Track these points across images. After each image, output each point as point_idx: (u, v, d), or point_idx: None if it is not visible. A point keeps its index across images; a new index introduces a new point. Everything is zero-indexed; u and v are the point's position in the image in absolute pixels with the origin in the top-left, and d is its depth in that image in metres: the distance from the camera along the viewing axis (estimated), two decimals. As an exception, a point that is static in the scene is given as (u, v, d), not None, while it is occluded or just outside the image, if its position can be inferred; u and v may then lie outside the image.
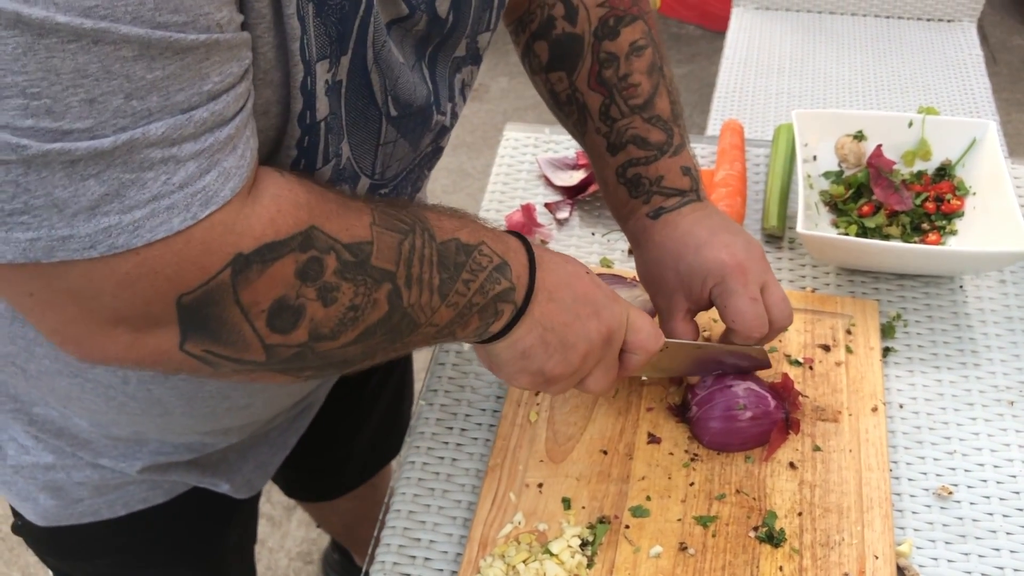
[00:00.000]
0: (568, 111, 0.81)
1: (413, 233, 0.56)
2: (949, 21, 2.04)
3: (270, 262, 0.49)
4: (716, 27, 2.97)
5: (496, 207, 1.05)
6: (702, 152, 1.11)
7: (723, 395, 0.77)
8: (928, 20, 2.04)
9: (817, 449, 0.78)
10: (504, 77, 2.94)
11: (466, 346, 0.90)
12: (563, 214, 1.03)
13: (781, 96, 1.85)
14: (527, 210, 1.01)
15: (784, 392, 0.79)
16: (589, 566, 0.71)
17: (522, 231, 1.01)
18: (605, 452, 0.78)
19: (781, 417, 0.78)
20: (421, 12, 0.59)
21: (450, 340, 0.62)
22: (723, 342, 0.77)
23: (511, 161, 1.11)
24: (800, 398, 0.81)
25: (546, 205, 1.04)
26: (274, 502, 1.78)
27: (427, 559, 0.75)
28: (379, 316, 0.55)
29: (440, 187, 2.55)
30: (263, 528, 1.76)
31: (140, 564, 0.92)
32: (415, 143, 0.66)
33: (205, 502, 0.88)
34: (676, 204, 0.78)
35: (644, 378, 0.83)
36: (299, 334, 0.52)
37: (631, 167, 0.78)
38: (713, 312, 0.87)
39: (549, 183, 1.07)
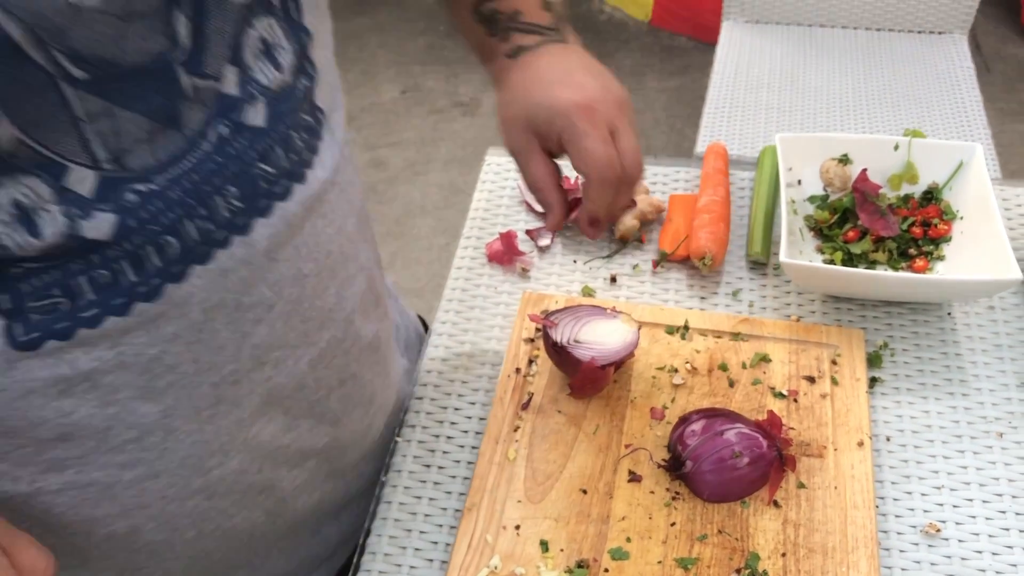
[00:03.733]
0: None
1: None
2: (940, 33, 2.03)
3: None
4: (708, 39, 2.96)
5: (477, 233, 1.04)
6: (687, 176, 1.09)
7: (715, 443, 0.75)
8: (919, 32, 2.03)
9: (801, 486, 0.76)
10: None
11: (443, 373, 0.89)
12: (544, 241, 1.01)
13: (771, 110, 1.83)
14: (507, 237, 1.00)
15: (772, 429, 0.77)
16: (567, 612, 0.69)
17: (502, 260, 0.99)
18: (585, 491, 0.77)
19: (775, 456, 0.76)
20: None
21: None
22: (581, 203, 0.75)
23: (492, 187, 1.09)
24: (788, 431, 0.79)
25: (527, 232, 1.02)
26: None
27: (402, 604, 0.73)
28: None
29: (431, 203, 2.54)
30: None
31: None
32: (159, 116, 0.50)
33: None
34: (536, 43, 0.74)
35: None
36: None
37: (486, 2, 0.74)
38: (684, 346, 0.86)
39: (531, 209, 1.05)
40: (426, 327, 1.03)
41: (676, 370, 0.85)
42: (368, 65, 3.06)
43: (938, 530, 0.75)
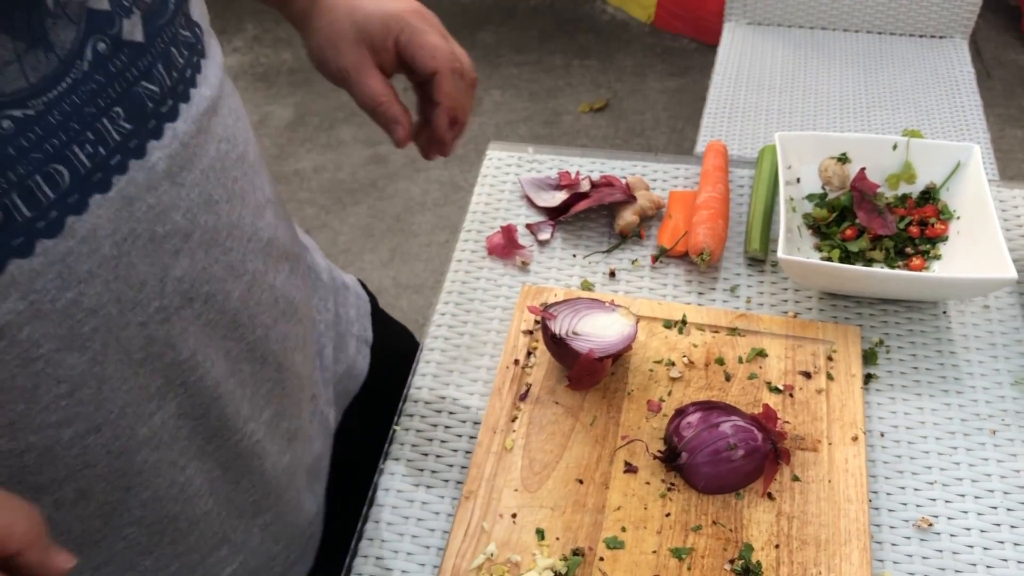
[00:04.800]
0: None
1: None
2: (941, 37, 2.04)
3: None
4: (710, 40, 2.97)
5: (478, 227, 1.04)
6: (687, 173, 1.10)
7: (711, 435, 0.75)
8: (920, 36, 2.04)
9: (796, 479, 0.77)
10: (497, 90, 2.94)
11: (442, 364, 0.89)
12: (544, 235, 1.02)
13: (771, 112, 1.84)
14: (507, 231, 1.00)
15: (767, 422, 0.78)
16: (562, 599, 0.70)
17: (502, 253, 1.00)
18: (581, 481, 0.77)
19: (769, 449, 0.76)
20: None
21: None
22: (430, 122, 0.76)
23: (493, 181, 1.10)
24: (783, 424, 0.80)
25: (527, 226, 1.03)
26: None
27: (398, 590, 0.74)
28: None
29: (431, 199, 2.55)
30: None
31: None
32: (22, 33, 0.47)
33: None
34: None
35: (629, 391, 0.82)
36: None
37: None
38: (681, 340, 0.86)
39: (531, 203, 1.06)
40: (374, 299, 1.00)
41: (673, 363, 0.86)
42: (370, 62, 3.07)
43: (930, 524, 0.76)
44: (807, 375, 0.85)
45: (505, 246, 1.00)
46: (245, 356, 0.65)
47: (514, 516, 0.75)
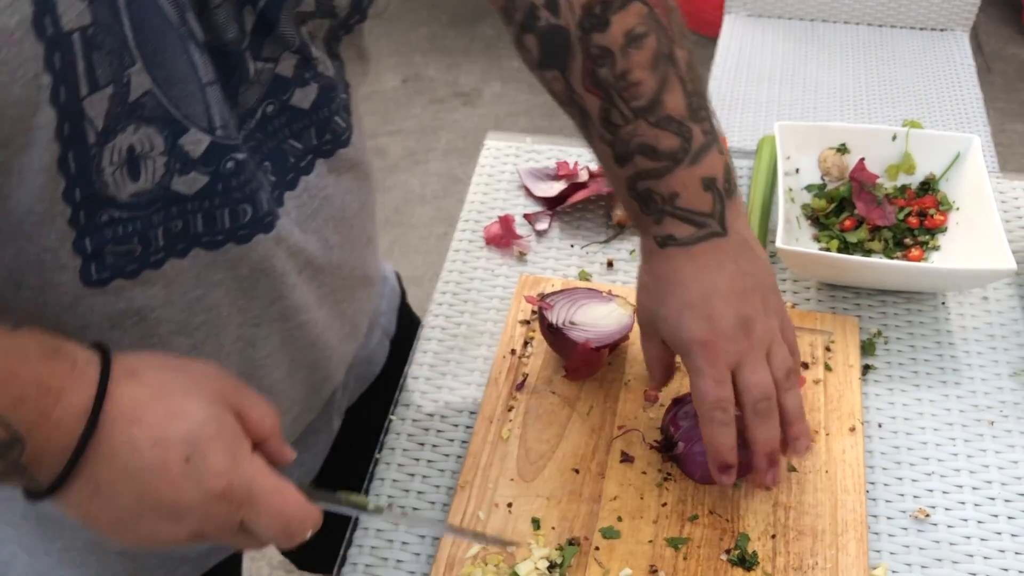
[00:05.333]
0: (571, 113, 0.72)
1: None
2: (942, 30, 2.03)
3: None
4: (710, 33, 2.96)
5: (475, 217, 1.04)
6: (685, 163, 1.09)
7: None
8: (920, 29, 2.03)
9: (793, 470, 0.77)
10: (496, 82, 2.93)
11: (438, 353, 0.89)
12: (542, 225, 1.01)
13: (771, 104, 1.83)
14: (505, 221, 1.00)
15: None
16: (557, 588, 0.70)
17: (500, 243, 0.99)
18: (577, 471, 0.77)
19: None
20: None
21: None
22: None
23: (491, 171, 1.09)
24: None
25: (525, 216, 1.03)
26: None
27: (393, 579, 0.74)
28: None
29: (431, 192, 2.54)
30: (245, 536, 1.74)
31: None
32: (231, 94, 0.55)
33: None
34: (689, 237, 0.68)
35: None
36: None
37: (641, 180, 0.68)
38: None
39: (529, 194, 1.06)
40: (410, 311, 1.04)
41: (670, 354, 0.85)
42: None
43: (927, 515, 0.75)
44: (805, 366, 0.84)
45: (503, 236, 0.99)
46: (304, 365, 0.71)
47: (510, 506, 0.75)
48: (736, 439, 0.69)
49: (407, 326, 0.98)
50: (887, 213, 0.95)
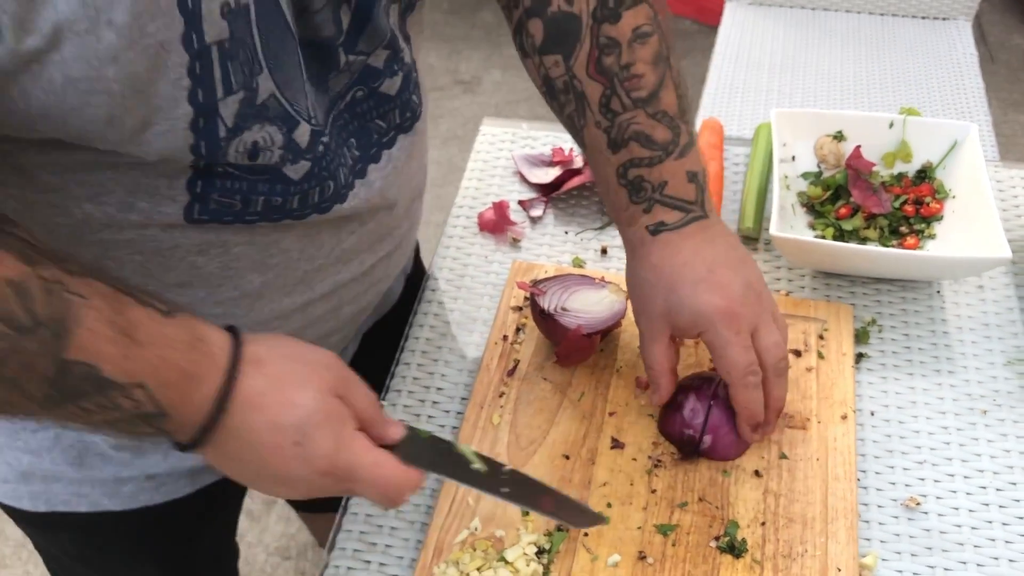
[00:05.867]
0: (564, 100, 0.74)
1: (32, 334, 0.48)
2: (944, 19, 2.02)
3: None
4: (712, 22, 2.95)
5: (470, 203, 1.03)
6: (681, 150, 1.09)
7: (721, 409, 0.74)
8: (923, 18, 2.02)
9: (783, 457, 0.77)
10: (497, 70, 2.92)
11: (431, 339, 0.89)
12: (537, 212, 1.01)
13: (772, 93, 1.82)
14: (499, 207, 0.99)
15: None
16: (545, 574, 0.70)
17: (494, 229, 0.99)
18: (567, 457, 0.77)
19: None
20: None
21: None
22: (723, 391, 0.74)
23: (487, 157, 1.09)
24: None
25: (520, 202, 1.02)
26: (253, 496, 1.76)
27: (382, 564, 0.74)
28: None
29: (430, 180, 2.53)
30: (242, 523, 1.74)
31: (105, 546, 0.89)
32: (322, 82, 0.63)
33: (170, 512, 0.85)
34: (679, 221, 0.72)
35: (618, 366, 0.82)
36: None
37: (633, 167, 0.72)
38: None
39: (524, 180, 1.05)
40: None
41: (663, 341, 0.85)
42: (370, 41, 3.05)
43: (918, 503, 0.75)
44: (797, 353, 0.84)
45: (497, 222, 0.99)
46: (349, 301, 0.79)
47: (499, 491, 0.74)
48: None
49: (418, 266, 1.04)
50: (883, 201, 0.95)
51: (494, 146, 1.10)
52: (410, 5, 0.68)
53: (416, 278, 0.99)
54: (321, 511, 1.28)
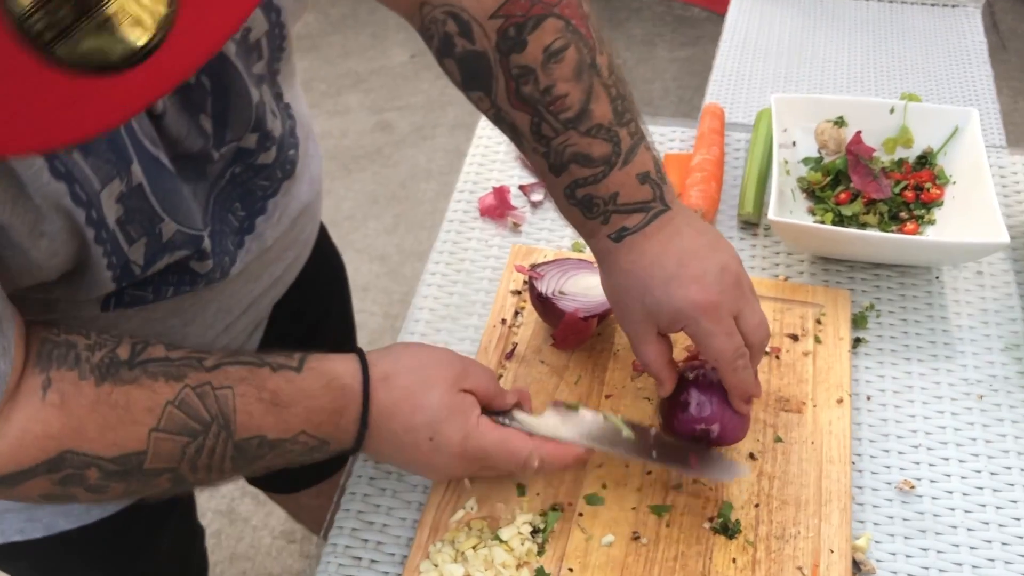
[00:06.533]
0: (502, 128, 0.72)
1: (206, 434, 0.61)
2: (954, 6, 2.00)
3: (19, 484, 0.57)
4: (721, 9, 2.93)
5: (471, 188, 1.04)
6: (683, 136, 1.09)
7: (720, 394, 0.72)
8: (932, 5, 2.00)
9: (778, 440, 0.77)
10: (505, 57, 2.91)
11: (430, 323, 0.90)
12: (537, 196, 1.01)
13: (778, 80, 1.82)
14: (500, 192, 1.00)
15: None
16: (540, 553, 0.70)
17: (494, 214, 0.99)
18: (563, 439, 0.77)
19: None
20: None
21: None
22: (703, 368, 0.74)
23: (488, 142, 1.09)
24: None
25: (520, 187, 1.02)
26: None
27: (379, 543, 0.74)
28: (160, 491, 0.63)
29: (437, 167, 2.54)
30: (247, 506, 1.76)
31: (65, 565, 0.89)
32: (191, 176, 0.67)
33: (126, 519, 0.85)
34: (640, 223, 0.70)
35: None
36: (79, 498, 0.61)
37: (579, 187, 0.70)
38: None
39: (525, 165, 1.05)
40: None
41: (660, 324, 0.85)
42: (378, 28, 3.05)
43: (912, 487, 0.76)
44: (794, 338, 0.84)
45: (497, 207, 0.99)
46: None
47: (496, 472, 0.75)
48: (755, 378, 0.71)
49: (328, 245, 1.08)
50: (883, 186, 0.95)
51: (495, 131, 1.10)
52: (273, 68, 0.70)
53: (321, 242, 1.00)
54: (279, 491, 1.31)
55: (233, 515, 1.75)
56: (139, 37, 0.38)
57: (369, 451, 0.69)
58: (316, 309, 1.02)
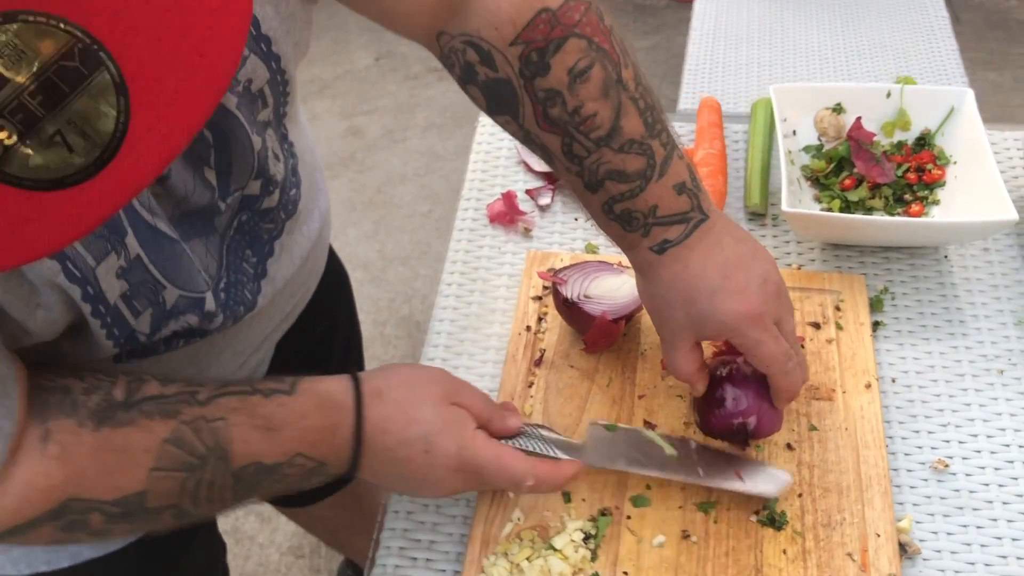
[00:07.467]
0: (533, 149, 0.72)
1: (203, 467, 0.61)
2: (914, -17, 2.04)
3: (25, 534, 0.58)
4: (681, -4, 2.95)
5: (476, 195, 1.04)
6: (679, 131, 1.10)
7: (755, 388, 0.73)
8: (893, -17, 2.04)
9: (813, 429, 0.78)
10: (470, 55, 2.90)
11: (452, 333, 0.89)
12: (545, 200, 1.02)
13: (752, 66, 1.84)
14: (508, 197, 1.00)
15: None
16: (593, 559, 0.71)
17: (504, 220, 0.99)
18: (602, 442, 0.78)
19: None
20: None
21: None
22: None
23: (488, 147, 1.09)
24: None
25: (527, 191, 1.03)
26: (261, 498, 1.76)
27: (428, 559, 0.74)
28: (165, 526, 0.63)
29: (412, 170, 2.53)
30: (252, 524, 1.75)
31: None
32: (199, 232, 0.67)
33: (152, 542, 0.82)
34: (681, 234, 0.70)
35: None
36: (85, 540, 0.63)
37: (617, 203, 0.70)
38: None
39: (528, 168, 1.06)
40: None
41: (684, 321, 0.86)
42: (340, 32, 3.02)
43: (946, 465, 0.77)
44: (816, 326, 0.86)
45: (507, 213, 0.99)
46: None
47: (539, 481, 0.75)
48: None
49: (332, 259, 1.05)
50: (886, 170, 0.96)
51: (495, 136, 1.11)
52: (280, 112, 0.70)
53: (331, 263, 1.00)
54: (293, 505, 1.30)
55: (239, 534, 1.73)
56: (89, 150, 0.38)
57: (365, 472, 0.67)
58: (324, 321, 1.02)
